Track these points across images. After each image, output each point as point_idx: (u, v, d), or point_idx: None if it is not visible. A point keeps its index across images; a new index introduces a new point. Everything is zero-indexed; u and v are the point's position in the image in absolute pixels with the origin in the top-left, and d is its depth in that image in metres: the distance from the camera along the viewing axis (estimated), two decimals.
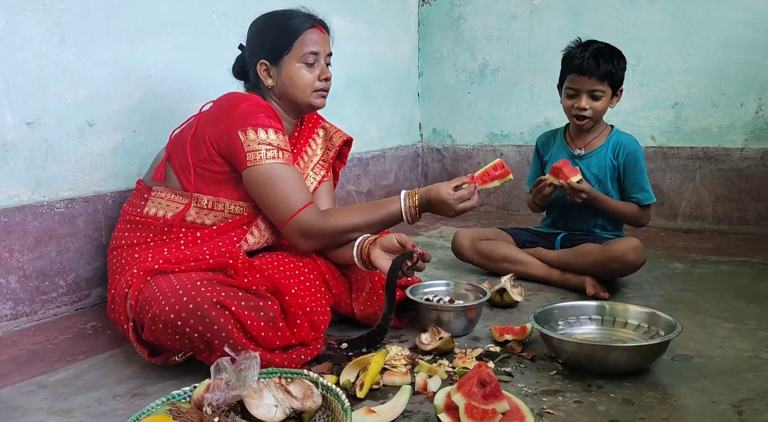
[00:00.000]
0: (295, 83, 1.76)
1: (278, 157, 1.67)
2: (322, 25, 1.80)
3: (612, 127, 2.27)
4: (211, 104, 1.80)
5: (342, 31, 3.21)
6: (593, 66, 2.08)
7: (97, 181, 2.12)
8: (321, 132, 1.98)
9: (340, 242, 1.74)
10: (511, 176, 1.79)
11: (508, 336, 1.68)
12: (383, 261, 1.67)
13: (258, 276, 1.52)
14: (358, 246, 1.71)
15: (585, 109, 2.13)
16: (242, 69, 1.87)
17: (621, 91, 2.18)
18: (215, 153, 1.69)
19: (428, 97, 3.91)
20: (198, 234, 1.71)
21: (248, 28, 1.83)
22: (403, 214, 1.74)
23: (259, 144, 1.65)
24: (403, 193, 1.75)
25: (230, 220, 1.73)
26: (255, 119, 1.66)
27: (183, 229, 1.71)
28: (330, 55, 1.82)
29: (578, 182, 2.08)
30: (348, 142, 1.99)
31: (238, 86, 1.91)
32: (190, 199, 1.72)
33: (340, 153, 2.00)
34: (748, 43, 2.86)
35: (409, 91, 3.85)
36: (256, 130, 1.65)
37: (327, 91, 1.81)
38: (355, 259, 1.72)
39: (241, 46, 1.87)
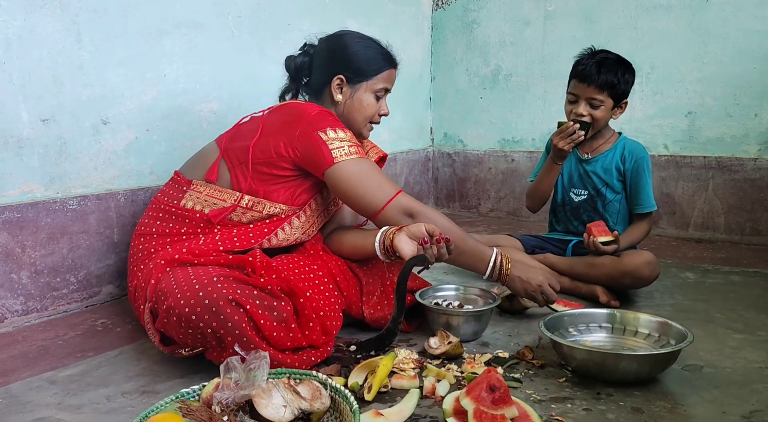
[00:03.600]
0: (361, 109, 1.85)
1: (360, 153, 1.73)
2: (397, 68, 1.91)
3: (620, 134, 2.27)
4: (269, 111, 1.83)
5: None
6: (594, 74, 2.09)
7: (109, 178, 2.13)
8: None
9: (436, 228, 1.66)
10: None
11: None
12: (406, 246, 1.63)
13: (274, 276, 1.52)
14: (382, 234, 1.70)
15: (582, 116, 2.13)
16: (300, 67, 1.91)
17: (625, 103, 2.18)
18: (287, 157, 1.72)
19: (440, 102, 3.91)
20: (234, 232, 1.72)
21: (334, 36, 1.88)
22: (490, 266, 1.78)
23: (341, 141, 1.71)
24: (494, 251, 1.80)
25: (267, 221, 1.76)
26: (328, 122, 1.73)
27: (219, 226, 1.73)
28: (389, 92, 1.91)
29: (604, 244, 2.06)
30: (383, 158, 2.06)
31: (252, 82, 1.91)
32: (239, 198, 1.74)
33: None
34: (763, 53, 2.84)
35: (421, 95, 3.85)
36: (335, 130, 1.72)
37: (377, 124, 1.92)
38: (377, 245, 1.70)
39: (305, 46, 1.92)
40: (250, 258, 1.55)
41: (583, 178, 2.27)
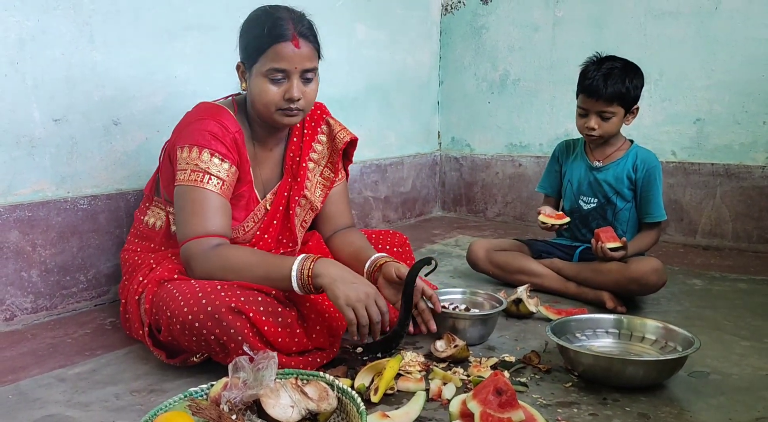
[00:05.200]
0: (258, 97, 1.62)
1: (200, 181, 1.57)
2: (301, 36, 1.59)
3: (632, 141, 2.27)
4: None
5: (364, 38, 3.24)
6: (601, 88, 2.06)
7: (120, 178, 2.15)
8: (325, 128, 1.89)
9: (224, 280, 1.50)
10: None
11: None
12: (386, 291, 1.67)
13: None
14: (366, 271, 1.72)
15: (594, 129, 2.13)
16: None
17: (637, 108, 2.16)
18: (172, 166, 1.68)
19: (448, 106, 3.91)
20: None
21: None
22: (294, 277, 1.45)
23: (187, 163, 1.58)
24: (301, 257, 1.48)
25: None
26: (198, 138, 1.59)
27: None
28: (310, 70, 1.62)
29: (612, 250, 2.06)
30: (353, 142, 1.91)
31: None
32: (166, 210, 1.76)
33: (345, 151, 1.93)
34: None
35: (428, 100, 3.86)
36: (191, 149, 1.59)
37: (295, 110, 1.64)
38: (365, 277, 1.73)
39: None
40: None
41: (593, 185, 2.25)
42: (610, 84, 2.06)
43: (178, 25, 2.27)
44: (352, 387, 1.41)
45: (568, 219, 2.21)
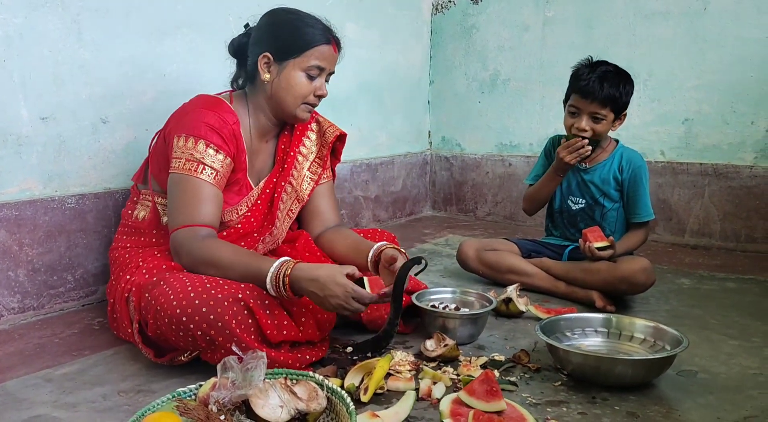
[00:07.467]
0: (290, 89, 1.72)
1: (195, 170, 1.62)
2: (337, 44, 1.77)
3: (617, 142, 2.28)
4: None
5: (355, 38, 3.23)
6: (597, 89, 2.06)
7: (108, 177, 2.14)
8: (314, 126, 1.95)
9: (206, 274, 1.54)
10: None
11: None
12: (384, 274, 1.70)
13: None
14: (371, 260, 1.74)
15: (585, 130, 2.12)
16: (240, 49, 1.83)
17: (624, 115, 2.17)
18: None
19: (438, 106, 3.92)
20: None
21: (265, 14, 1.78)
22: (268, 280, 1.49)
23: (182, 152, 1.63)
24: (281, 260, 1.51)
25: (224, 232, 1.75)
26: (195, 129, 1.64)
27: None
28: (332, 73, 1.79)
29: (600, 249, 2.07)
30: (341, 137, 1.96)
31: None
32: (153, 200, 1.75)
33: (333, 148, 1.97)
34: (760, 62, 2.86)
35: (419, 99, 3.86)
36: (187, 139, 1.63)
37: (315, 106, 1.80)
38: (369, 267, 1.75)
39: (247, 26, 1.83)
40: None
41: (581, 186, 2.26)
42: (606, 86, 2.07)
43: (168, 23, 2.26)
44: (342, 386, 1.41)
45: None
